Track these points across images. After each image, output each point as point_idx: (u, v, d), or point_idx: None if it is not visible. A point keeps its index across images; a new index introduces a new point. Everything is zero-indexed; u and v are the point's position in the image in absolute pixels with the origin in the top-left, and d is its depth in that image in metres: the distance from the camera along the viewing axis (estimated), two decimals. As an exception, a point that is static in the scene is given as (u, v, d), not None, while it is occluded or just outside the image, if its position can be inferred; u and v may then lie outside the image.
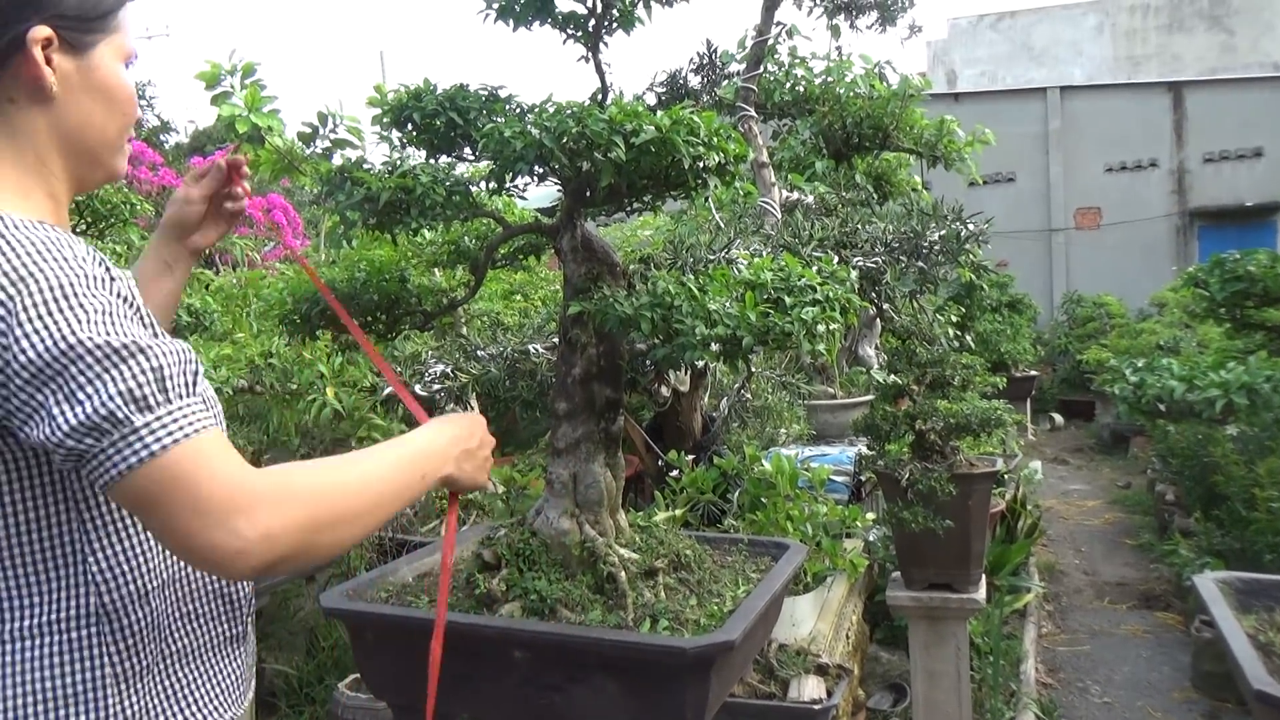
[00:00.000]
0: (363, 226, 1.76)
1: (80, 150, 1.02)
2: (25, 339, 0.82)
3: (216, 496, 0.83)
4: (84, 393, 0.82)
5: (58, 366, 0.82)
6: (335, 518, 0.92)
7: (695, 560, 1.85)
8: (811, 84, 5.77)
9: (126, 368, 0.83)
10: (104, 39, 1.02)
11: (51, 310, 0.83)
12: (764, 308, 1.55)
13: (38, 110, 0.98)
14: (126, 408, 0.82)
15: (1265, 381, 2.08)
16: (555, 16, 1.83)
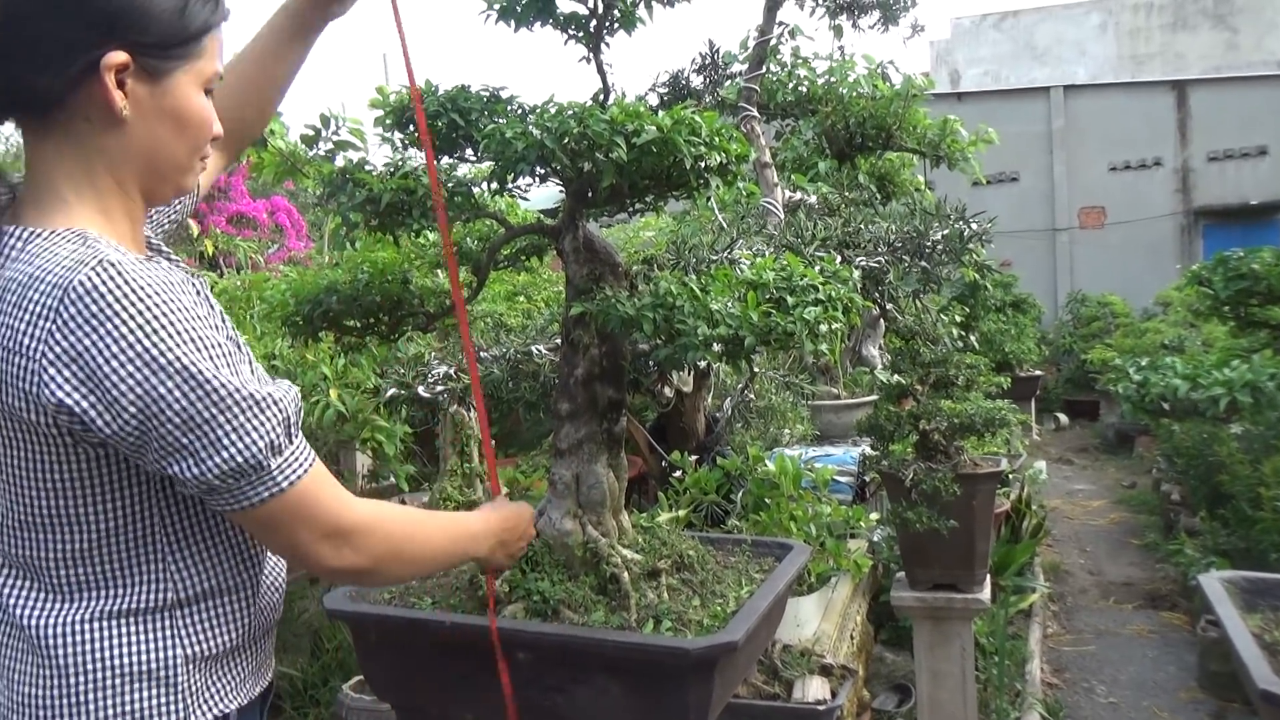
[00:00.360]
0: (365, 228, 1.76)
1: (150, 170, 1.06)
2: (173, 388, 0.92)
3: (325, 522, 1.04)
4: (229, 439, 0.94)
5: (207, 415, 0.93)
6: (403, 559, 1.14)
7: (698, 561, 1.85)
8: (814, 84, 5.76)
9: (266, 418, 0.97)
10: (183, 65, 1.03)
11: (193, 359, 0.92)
12: (766, 308, 1.55)
13: (110, 131, 1.01)
14: (264, 455, 0.97)
15: (1269, 380, 2.07)
16: (556, 17, 1.83)
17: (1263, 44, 16.23)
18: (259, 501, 0.98)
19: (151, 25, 0.98)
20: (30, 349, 0.91)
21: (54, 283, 0.91)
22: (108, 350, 0.90)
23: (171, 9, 1.00)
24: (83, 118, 1.00)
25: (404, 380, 2.60)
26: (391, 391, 2.60)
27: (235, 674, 1.12)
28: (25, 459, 0.97)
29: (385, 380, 2.72)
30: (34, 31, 0.95)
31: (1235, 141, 13.64)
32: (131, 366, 0.90)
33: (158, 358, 0.91)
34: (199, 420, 0.93)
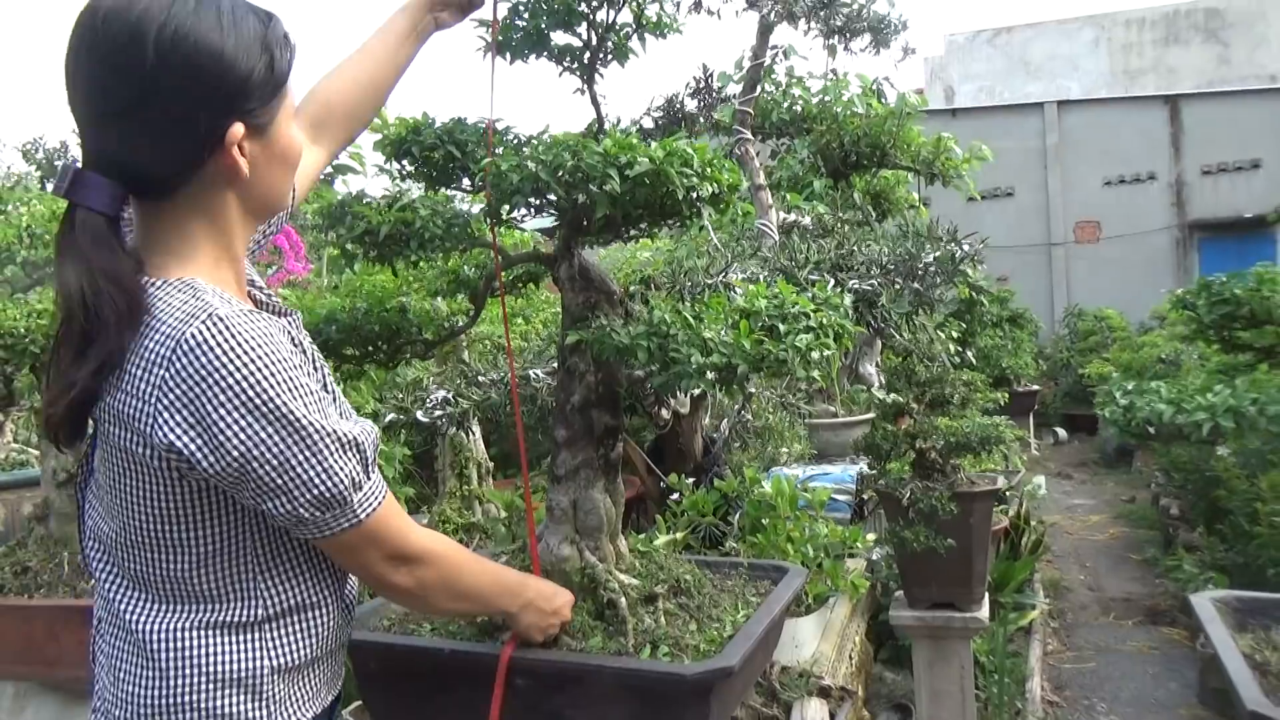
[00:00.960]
0: (364, 258, 1.79)
1: (263, 209, 1.18)
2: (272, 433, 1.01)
3: (393, 546, 1.17)
4: (319, 479, 1.05)
5: (301, 457, 1.03)
6: (451, 590, 1.28)
7: (695, 585, 1.87)
8: (809, 103, 5.81)
9: (349, 457, 1.08)
10: (279, 108, 1.12)
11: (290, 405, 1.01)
12: (758, 335, 1.57)
13: (232, 189, 1.11)
14: (349, 491, 1.08)
15: (1251, 404, 2.10)
16: (551, 50, 1.87)
17: (1254, 58, 16.36)
18: (340, 531, 1.10)
19: (254, 90, 1.06)
20: (146, 394, 1.00)
21: (168, 334, 1.00)
22: (216, 399, 0.99)
23: (264, 67, 1.07)
24: (206, 186, 1.08)
25: (403, 405, 2.62)
26: (390, 417, 2.62)
27: (314, 683, 1.22)
28: (136, 488, 1.06)
29: (384, 405, 2.74)
30: (165, 131, 1.03)
31: (1228, 155, 13.72)
32: (236, 414, 0.99)
33: (259, 406, 1.00)
34: (293, 462, 1.03)
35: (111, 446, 1.05)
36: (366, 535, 1.12)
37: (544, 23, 1.78)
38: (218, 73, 1.03)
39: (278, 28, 1.10)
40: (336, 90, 1.51)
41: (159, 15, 1.00)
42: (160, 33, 0.99)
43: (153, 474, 1.04)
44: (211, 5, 1.04)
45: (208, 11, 1.03)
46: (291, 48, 1.14)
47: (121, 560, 1.12)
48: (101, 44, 1.00)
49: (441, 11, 1.61)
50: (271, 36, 1.09)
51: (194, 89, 1.02)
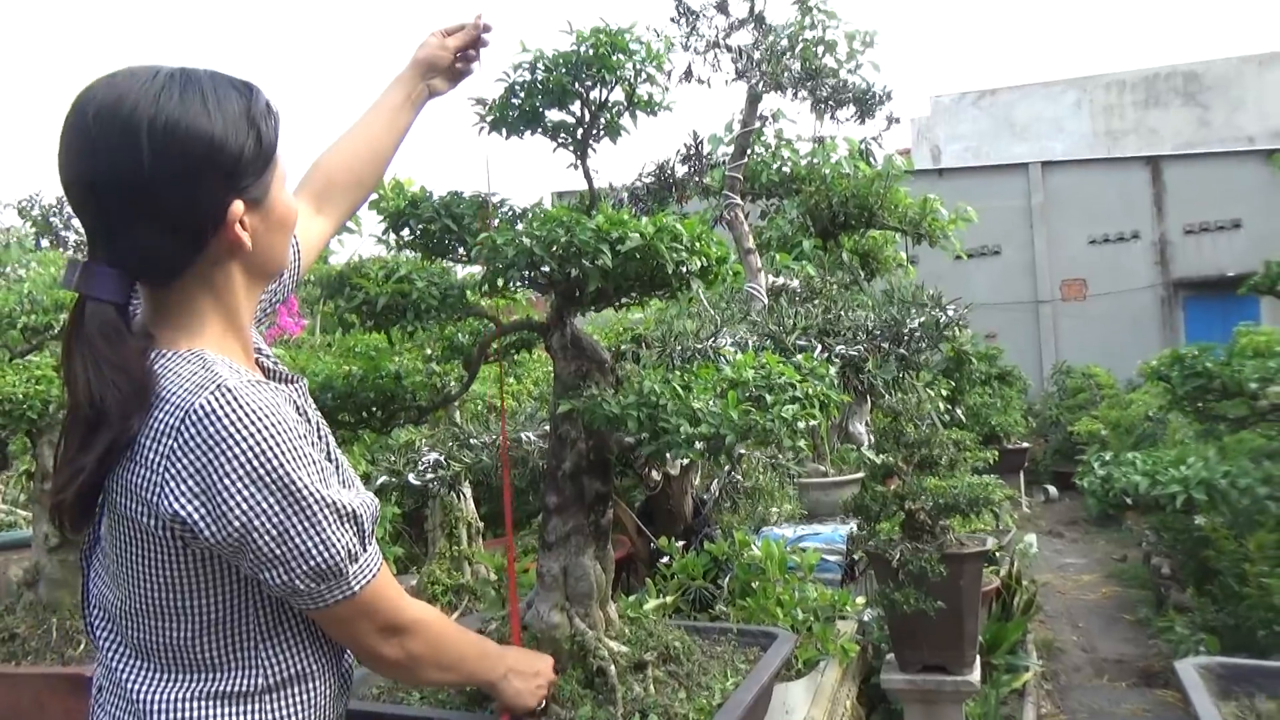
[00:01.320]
0: (361, 328, 1.82)
1: (264, 274, 1.21)
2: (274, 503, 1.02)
3: (384, 620, 1.18)
4: (316, 550, 1.06)
5: (300, 528, 1.04)
6: (438, 661, 1.29)
7: (684, 652, 1.87)
8: (797, 165, 5.94)
9: (345, 529, 1.09)
10: (272, 177, 1.15)
11: (294, 475, 1.03)
12: (746, 406, 1.61)
13: (235, 262, 1.14)
14: (345, 563, 1.09)
15: (1222, 477, 2.14)
16: (545, 126, 1.93)
17: (1232, 120, 16.75)
18: (334, 603, 1.10)
19: (247, 166, 1.09)
20: (155, 464, 1.02)
21: (177, 404, 1.02)
22: (222, 469, 1.00)
23: (253, 142, 1.10)
24: (211, 263, 1.11)
25: (395, 468, 2.64)
26: (382, 479, 2.64)
27: None
28: (141, 557, 1.07)
29: (376, 468, 2.76)
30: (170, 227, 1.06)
31: (1210, 215, 13.98)
32: (241, 484, 1.01)
33: (264, 476, 1.01)
34: (292, 533, 1.04)
35: (119, 516, 1.06)
36: (360, 607, 1.13)
37: (539, 101, 1.84)
38: (211, 156, 1.05)
39: (259, 100, 1.12)
40: (338, 163, 1.57)
41: (149, 109, 1.02)
42: (152, 126, 1.02)
43: (158, 543, 1.06)
44: (195, 89, 1.06)
45: (192, 97, 1.05)
46: (275, 116, 1.16)
47: (125, 628, 1.13)
48: (96, 145, 1.02)
49: (434, 79, 1.68)
50: (255, 111, 1.11)
51: (191, 177, 1.04)
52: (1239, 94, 16.90)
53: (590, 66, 1.81)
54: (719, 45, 4.22)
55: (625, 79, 1.85)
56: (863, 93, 3.99)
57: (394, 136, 1.63)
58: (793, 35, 4.38)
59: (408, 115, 1.65)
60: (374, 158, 1.61)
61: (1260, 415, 2.50)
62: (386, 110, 1.62)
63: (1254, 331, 3.82)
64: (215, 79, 1.10)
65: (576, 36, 1.82)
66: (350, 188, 1.57)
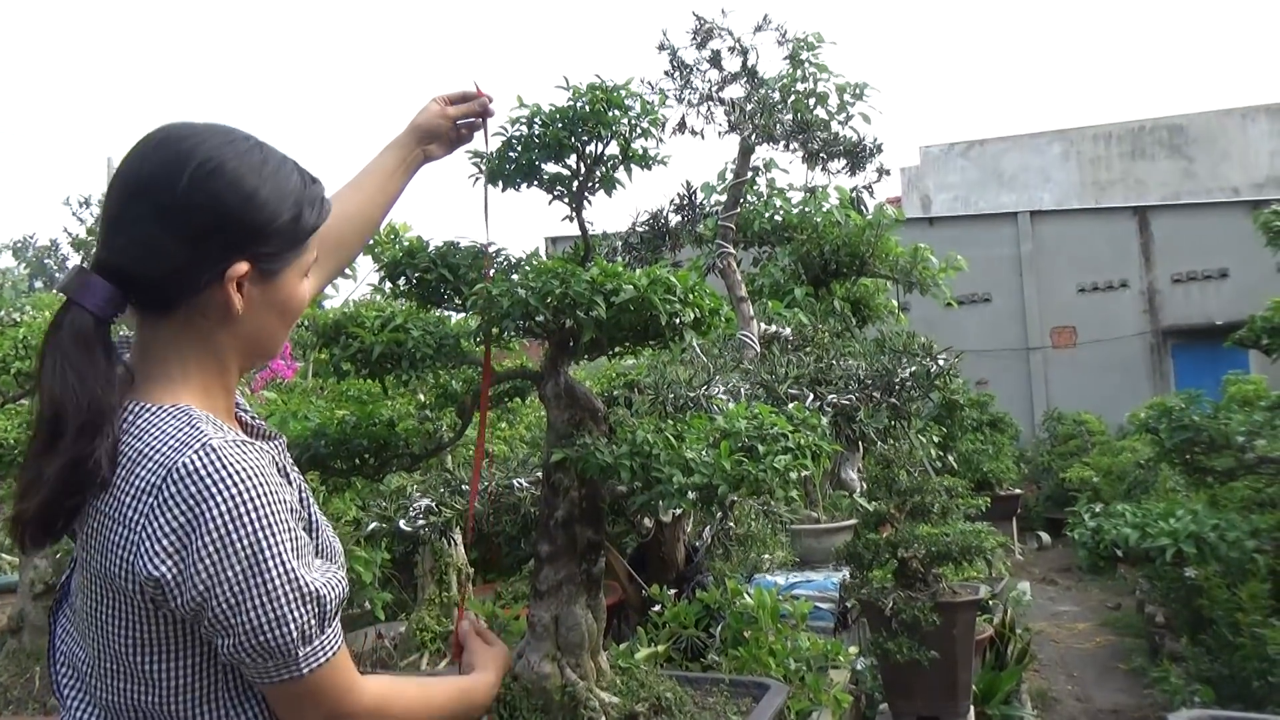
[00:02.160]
0: (356, 375, 1.84)
1: (251, 350, 1.18)
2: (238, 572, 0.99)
3: (329, 708, 1.10)
4: (269, 626, 1.02)
5: (256, 601, 1.00)
6: None
7: (676, 703, 1.86)
8: (789, 213, 6.01)
9: (303, 610, 1.04)
10: (293, 263, 1.16)
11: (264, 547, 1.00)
12: (738, 456, 1.62)
13: (223, 325, 1.12)
14: (295, 644, 1.04)
15: (1211, 530, 2.15)
16: (542, 179, 1.97)
17: (1217, 172, 17.03)
18: (279, 681, 1.06)
19: (269, 239, 1.10)
20: (133, 520, 1.00)
21: (160, 461, 1.01)
22: (199, 529, 0.98)
23: (289, 219, 1.12)
24: (200, 314, 1.10)
25: (386, 514, 2.63)
26: (373, 525, 2.63)
27: None
28: (114, 617, 1.05)
29: (367, 514, 2.74)
30: (174, 249, 1.06)
31: (1197, 264, 14.14)
32: (212, 547, 0.98)
33: (235, 541, 0.99)
34: (247, 604, 1.00)
35: (92, 574, 1.04)
36: (306, 691, 1.08)
37: (535, 155, 1.88)
38: (241, 211, 1.07)
39: (317, 190, 1.17)
40: (328, 224, 1.55)
41: (208, 149, 1.07)
42: (204, 162, 1.06)
43: (131, 604, 1.03)
44: (259, 152, 1.11)
45: (252, 157, 1.10)
46: (326, 209, 1.19)
47: (94, 688, 1.10)
48: (149, 156, 1.07)
49: (430, 145, 1.67)
50: (308, 195, 1.14)
51: (213, 219, 1.06)
52: (1223, 146, 17.21)
53: (586, 122, 1.85)
54: (712, 98, 4.30)
55: (620, 134, 1.89)
56: (854, 145, 4.07)
57: (385, 201, 1.62)
58: (784, 88, 4.46)
59: (400, 180, 1.65)
60: (364, 223, 1.60)
61: (1248, 468, 2.52)
62: (380, 174, 1.62)
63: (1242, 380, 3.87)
64: (287, 159, 1.15)
65: (573, 92, 1.86)
66: (337, 249, 1.54)
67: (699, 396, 2.27)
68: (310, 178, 1.17)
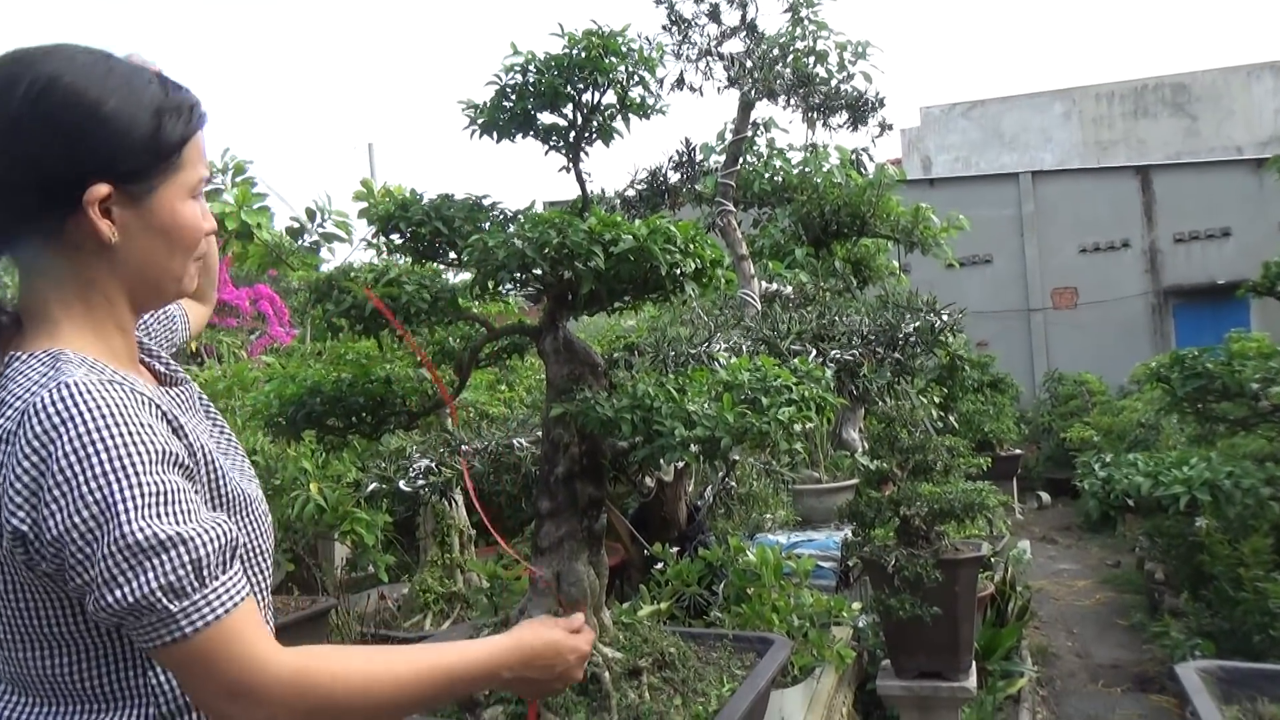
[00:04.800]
0: (350, 332, 1.80)
1: (143, 284, 1.08)
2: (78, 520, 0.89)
3: (231, 678, 0.93)
4: (124, 578, 0.89)
5: (105, 551, 0.89)
6: (347, 711, 1.00)
7: (679, 658, 1.85)
8: (789, 174, 5.95)
9: (167, 558, 0.91)
10: (165, 182, 1.05)
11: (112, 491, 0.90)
12: (741, 408, 1.59)
13: (101, 255, 1.03)
14: (164, 598, 0.90)
15: (1226, 478, 2.13)
16: (537, 129, 1.92)
17: (1221, 130, 16.87)
18: (160, 645, 0.92)
19: (126, 155, 1.00)
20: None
21: (18, 407, 0.93)
22: (48, 471, 0.90)
23: (145, 134, 1.02)
24: (73, 246, 1.02)
25: (385, 474, 2.61)
26: (373, 486, 2.61)
27: None
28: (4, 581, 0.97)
29: (366, 474, 2.72)
30: (15, 180, 0.98)
31: (1199, 223, 14.05)
32: (60, 490, 0.89)
33: (84, 484, 0.89)
34: (100, 554, 0.89)
35: None
36: (196, 655, 0.92)
37: (530, 104, 1.83)
38: (86, 127, 0.98)
39: (183, 97, 1.06)
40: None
41: (39, 69, 0.97)
42: (37, 76, 0.97)
43: (12, 563, 0.95)
44: (103, 63, 1.01)
45: (94, 67, 1.00)
46: (196, 119, 1.08)
47: (3, 661, 1.02)
48: None
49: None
50: (170, 104, 1.04)
51: (54, 139, 0.97)
52: (1228, 104, 17.02)
53: (582, 69, 1.81)
54: (711, 53, 4.22)
55: (618, 81, 1.84)
56: (855, 99, 4.00)
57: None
58: (784, 45, 4.38)
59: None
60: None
61: (1261, 416, 2.48)
62: None
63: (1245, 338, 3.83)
64: (144, 70, 1.04)
65: (568, 39, 1.81)
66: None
67: (700, 353, 2.24)
68: (175, 85, 1.06)
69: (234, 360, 5.15)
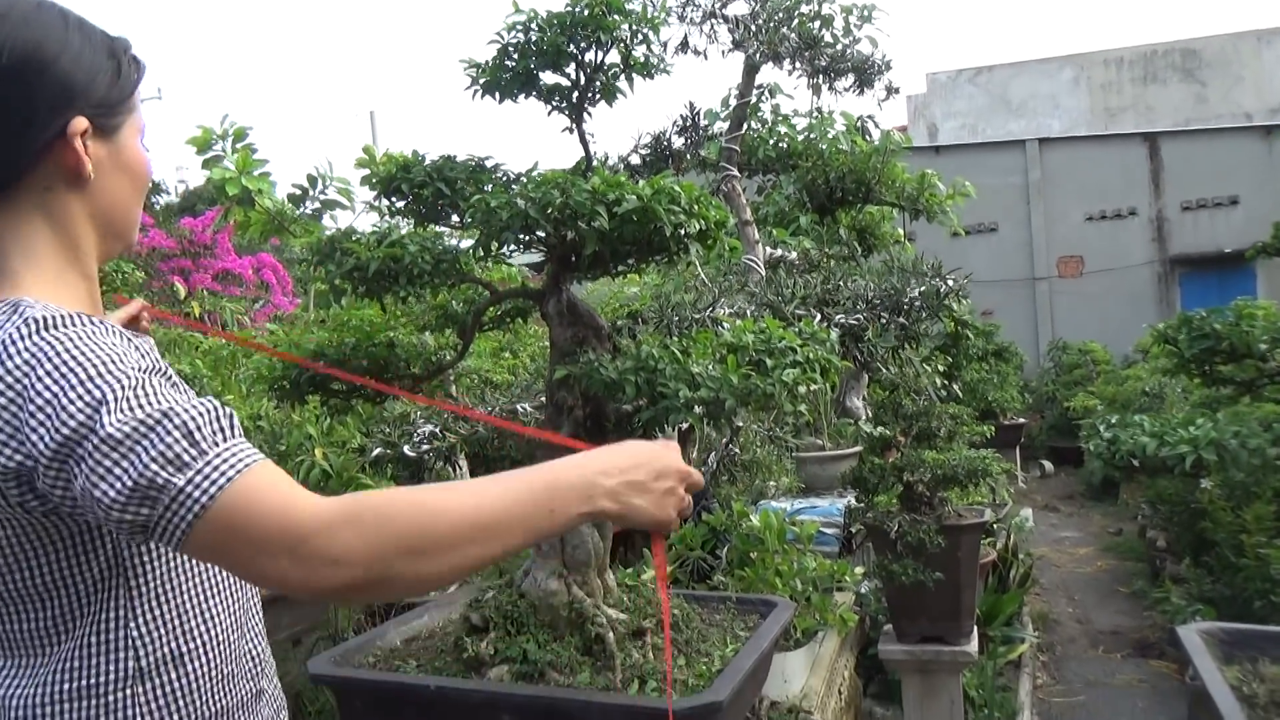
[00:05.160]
0: (352, 294, 1.80)
1: (109, 226, 1.09)
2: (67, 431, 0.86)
3: (271, 531, 0.85)
4: (120, 466, 0.85)
5: (94, 446, 0.86)
6: (420, 546, 0.88)
7: (683, 619, 1.86)
8: (794, 140, 5.89)
9: (157, 434, 0.86)
10: (127, 119, 1.08)
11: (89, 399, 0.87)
12: (746, 370, 1.59)
13: (74, 195, 1.03)
14: (165, 471, 0.85)
15: (1232, 437, 2.12)
16: (540, 89, 1.90)
17: (1230, 97, 16.68)
18: (186, 527, 0.85)
19: (100, 89, 1.03)
20: None
21: None
22: (30, 392, 0.88)
23: (111, 71, 1.05)
24: (43, 188, 1.02)
25: (390, 440, 2.61)
26: (377, 451, 2.61)
27: None
28: None
29: (371, 440, 2.72)
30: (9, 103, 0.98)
31: (1207, 191, 13.95)
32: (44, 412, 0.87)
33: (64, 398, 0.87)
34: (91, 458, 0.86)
35: None
36: (226, 524, 0.86)
37: (533, 63, 1.81)
38: (60, 63, 0.99)
39: (125, 44, 1.09)
40: None
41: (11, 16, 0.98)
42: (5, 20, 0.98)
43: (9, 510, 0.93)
44: (55, 10, 1.03)
45: (50, 11, 1.02)
46: (141, 68, 1.10)
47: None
48: None
49: None
50: (118, 47, 1.07)
51: (34, 73, 0.98)
52: (1237, 70, 16.81)
53: (585, 27, 1.78)
54: (715, 15, 4.16)
55: (621, 40, 1.82)
56: (861, 62, 3.95)
57: None
58: (789, 8, 4.32)
59: None
60: None
61: (1269, 377, 2.47)
62: None
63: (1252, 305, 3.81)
64: (85, 19, 1.06)
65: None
66: None
67: (704, 318, 2.23)
68: (112, 34, 1.09)
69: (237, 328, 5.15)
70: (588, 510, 0.98)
